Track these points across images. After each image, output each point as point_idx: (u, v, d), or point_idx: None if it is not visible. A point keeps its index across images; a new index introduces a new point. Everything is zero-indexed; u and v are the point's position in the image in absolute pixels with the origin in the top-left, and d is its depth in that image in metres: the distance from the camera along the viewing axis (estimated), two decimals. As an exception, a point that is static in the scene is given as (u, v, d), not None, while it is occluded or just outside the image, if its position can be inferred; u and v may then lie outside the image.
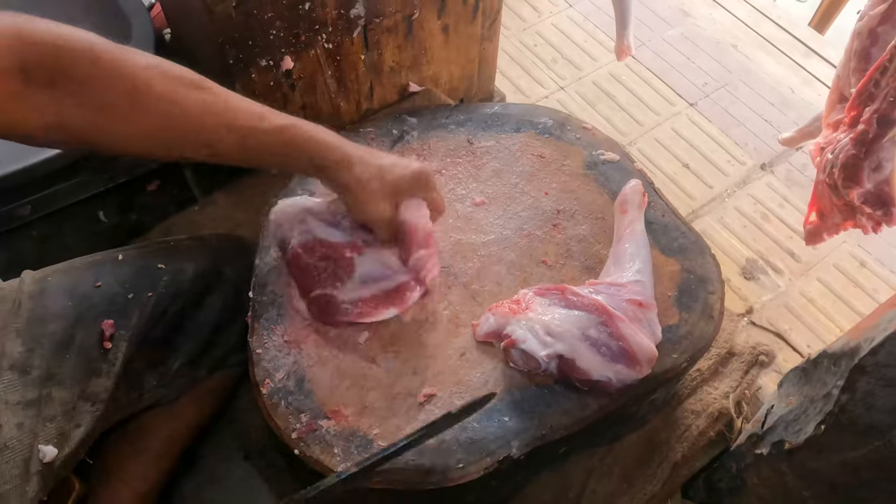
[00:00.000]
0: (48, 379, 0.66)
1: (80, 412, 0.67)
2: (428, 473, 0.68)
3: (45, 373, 0.66)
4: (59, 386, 0.67)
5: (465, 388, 0.75)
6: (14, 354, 0.66)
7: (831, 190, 0.92)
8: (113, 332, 0.71)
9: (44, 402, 0.65)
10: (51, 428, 0.65)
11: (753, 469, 0.82)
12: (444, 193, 0.88)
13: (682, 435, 0.92)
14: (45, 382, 0.66)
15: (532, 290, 0.78)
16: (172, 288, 0.76)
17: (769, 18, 1.63)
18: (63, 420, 0.66)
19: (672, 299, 0.82)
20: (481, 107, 1.01)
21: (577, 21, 1.62)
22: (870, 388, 0.61)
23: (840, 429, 0.66)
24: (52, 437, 0.65)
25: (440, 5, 1.00)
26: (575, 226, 0.89)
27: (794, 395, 0.78)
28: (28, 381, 0.65)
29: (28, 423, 0.64)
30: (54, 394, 0.66)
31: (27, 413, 0.64)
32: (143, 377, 0.75)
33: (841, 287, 1.26)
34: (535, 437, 0.71)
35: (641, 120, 1.46)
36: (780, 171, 1.40)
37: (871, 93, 0.86)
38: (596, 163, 0.95)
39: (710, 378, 0.96)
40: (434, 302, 0.81)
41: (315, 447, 0.70)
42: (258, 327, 0.78)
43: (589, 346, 0.72)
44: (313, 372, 0.75)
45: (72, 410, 0.67)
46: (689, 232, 0.87)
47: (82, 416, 0.67)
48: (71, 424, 0.67)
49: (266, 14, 0.85)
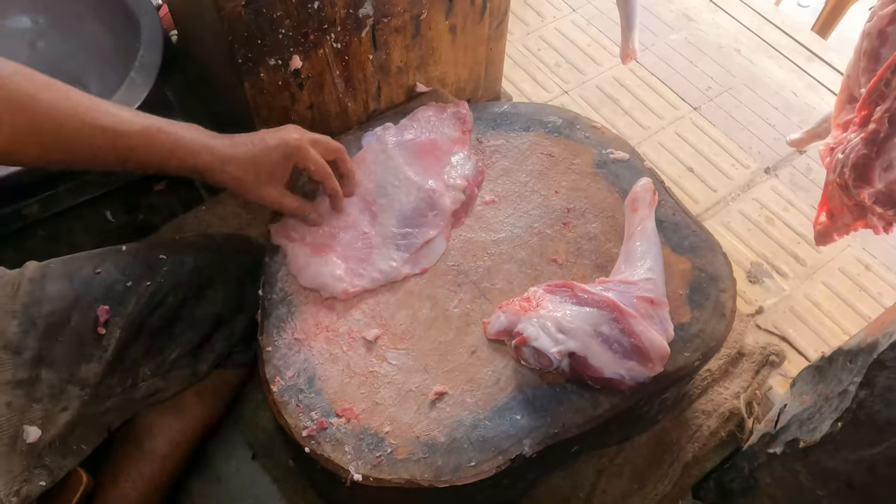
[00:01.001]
0: (39, 360, 0.67)
1: (68, 396, 0.68)
2: (440, 471, 0.68)
3: (37, 354, 0.66)
4: (48, 368, 0.67)
5: (476, 386, 0.74)
6: (8, 335, 0.66)
7: (842, 190, 0.92)
8: (108, 318, 0.71)
9: (32, 384, 0.66)
10: (36, 409, 0.65)
11: (766, 469, 0.81)
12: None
13: (693, 435, 0.92)
14: (35, 364, 0.66)
15: (542, 288, 0.77)
16: (172, 278, 0.76)
17: (772, 23, 1.64)
18: (49, 402, 0.66)
19: (684, 297, 0.81)
20: (490, 106, 1.01)
21: (581, 25, 1.63)
22: (889, 384, 0.61)
23: (857, 425, 0.65)
24: (38, 419, 0.65)
25: (448, 6, 1.00)
26: (585, 224, 0.88)
27: (807, 393, 0.77)
28: (20, 361, 0.66)
29: (17, 402, 0.64)
30: (43, 375, 0.66)
31: (16, 392, 0.65)
32: (137, 366, 0.75)
33: (846, 291, 1.25)
34: (547, 435, 0.71)
35: (645, 124, 1.46)
36: (785, 174, 1.40)
37: (882, 92, 0.86)
38: (606, 161, 0.94)
39: (721, 378, 0.96)
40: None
41: (326, 445, 0.69)
42: (268, 325, 0.77)
43: (601, 342, 0.72)
44: (324, 370, 0.74)
45: (59, 394, 0.67)
46: (699, 230, 0.87)
47: (69, 399, 0.68)
48: (57, 407, 0.67)
49: (275, 13, 0.85)
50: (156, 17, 0.99)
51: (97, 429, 0.72)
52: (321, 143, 0.79)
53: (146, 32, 0.96)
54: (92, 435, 0.71)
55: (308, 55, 0.93)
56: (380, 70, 1.01)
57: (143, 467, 0.78)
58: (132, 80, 0.90)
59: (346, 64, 0.97)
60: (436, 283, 0.83)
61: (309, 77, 0.95)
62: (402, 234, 0.84)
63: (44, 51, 1.07)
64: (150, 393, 0.76)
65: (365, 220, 0.86)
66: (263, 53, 0.89)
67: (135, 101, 0.90)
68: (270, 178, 0.76)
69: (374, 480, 0.67)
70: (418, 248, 0.84)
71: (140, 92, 0.90)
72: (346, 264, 0.81)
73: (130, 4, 0.99)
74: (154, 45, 0.95)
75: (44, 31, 1.06)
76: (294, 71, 0.93)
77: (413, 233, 0.84)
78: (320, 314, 0.79)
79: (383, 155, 0.89)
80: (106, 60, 1.03)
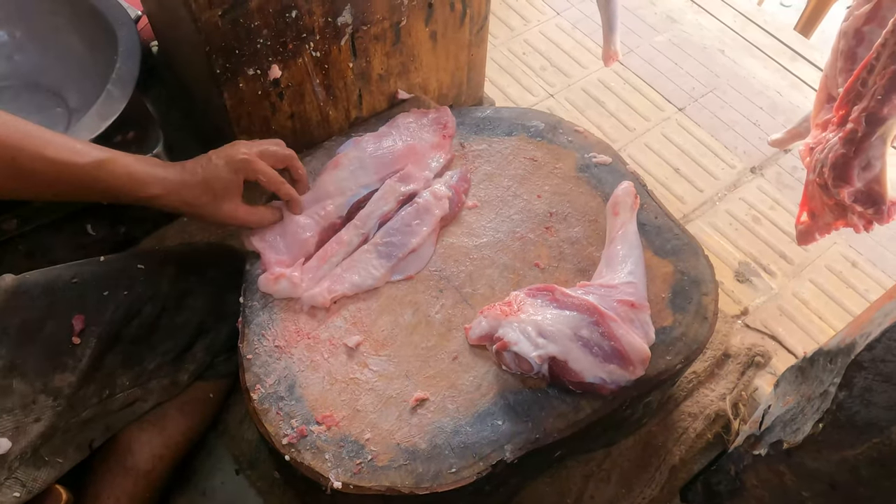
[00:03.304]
0: (11, 370, 0.66)
1: (40, 406, 0.67)
2: (420, 478, 0.67)
3: (8, 363, 0.66)
4: (21, 378, 0.66)
5: (457, 392, 0.74)
6: None
7: (822, 189, 0.92)
8: (83, 327, 0.71)
9: (3, 393, 0.65)
10: (7, 420, 0.65)
11: (752, 470, 0.81)
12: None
13: (680, 438, 0.91)
14: (6, 373, 0.66)
15: (523, 292, 0.77)
16: (151, 287, 0.76)
17: (755, 23, 1.64)
18: (21, 413, 0.66)
19: (666, 301, 0.81)
20: (473, 110, 1.01)
21: (565, 29, 1.63)
22: (867, 384, 0.60)
23: (838, 426, 0.65)
24: (8, 430, 0.65)
25: (428, 12, 1.00)
26: (568, 228, 0.88)
27: (790, 394, 0.77)
28: None
29: None
30: (15, 385, 0.66)
31: None
32: (115, 375, 0.75)
33: (833, 288, 1.26)
34: (528, 440, 0.70)
35: (631, 125, 1.46)
36: (770, 173, 1.41)
37: (859, 91, 0.86)
38: (588, 165, 0.94)
39: (707, 380, 0.96)
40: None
41: (306, 453, 0.69)
42: (249, 333, 0.77)
43: (581, 346, 0.71)
44: (304, 377, 0.74)
45: (31, 404, 0.66)
46: (682, 234, 0.87)
47: (42, 410, 0.67)
48: (29, 418, 0.66)
49: (253, 22, 0.85)
50: (133, 29, 0.99)
51: (76, 443, 0.71)
52: (269, 154, 0.79)
53: (123, 45, 0.96)
54: (70, 449, 0.71)
55: (287, 64, 0.92)
56: (360, 78, 1.01)
57: (126, 483, 0.78)
58: (109, 92, 0.90)
59: (327, 72, 0.97)
60: (418, 288, 0.83)
61: (289, 86, 0.95)
62: (384, 243, 0.84)
63: (21, 64, 1.07)
64: (129, 403, 0.76)
65: (347, 228, 0.85)
66: (242, 63, 0.88)
67: (112, 113, 0.90)
68: (224, 196, 0.76)
69: (355, 488, 0.67)
70: (402, 258, 0.83)
71: (117, 104, 0.90)
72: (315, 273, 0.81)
73: (108, 17, 0.99)
74: (131, 57, 0.95)
75: (21, 44, 1.06)
76: (273, 80, 0.93)
77: (396, 242, 0.84)
78: (301, 321, 0.79)
79: (359, 162, 0.89)
80: (84, 73, 1.03)
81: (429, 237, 0.85)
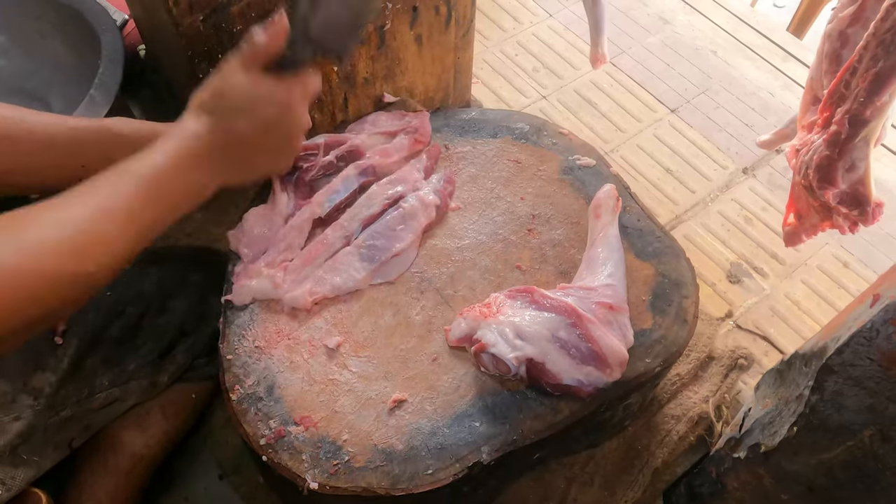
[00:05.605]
0: None
1: (20, 405, 0.68)
2: (396, 480, 0.67)
3: None
4: (1, 376, 0.67)
5: (436, 394, 0.74)
6: None
7: (807, 191, 0.92)
8: (65, 327, 0.71)
9: None
10: None
11: (732, 473, 0.81)
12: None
13: (663, 440, 0.91)
14: None
15: (503, 293, 0.77)
16: (134, 288, 0.76)
17: (748, 24, 1.64)
18: (0, 411, 0.66)
19: (646, 303, 0.81)
20: (459, 113, 1.01)
21: (558, 30, 1.63)
22: (838, 388, 0.60)
23: (812, 430, 0.65)
24: None
25: (412, 16, 1.00)
26: (550, 231, 0.89)
27: (770, 396, 0.77)
28: None
29: None
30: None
31: None
32: (95, 376, 0.75)
33: (825, 288, 1.25)
34: (505, 442, 0.70)
35: (623, 127, 1.46)
36: (763, 174, 1.40)
37: (843, 94, 0.86)
38: (572, 168, 0.94)
39: (690, 382, 0.96)
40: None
41: (283, 453, 0.69)
42: (229, 333, 0.78)
43: (559, 348, 0.72)
44: (284, 378, 0.75)
45: (11, 403, 0.67)
46: (664, 236, 0.87)
47: (21, 409, 0.68)
48: (8, 417, 0.67)
49: (235, 27, 0.85)
50: (117, 34, 0.99)
51: (55, 442, 0.72)
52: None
53: (107, 50, 0.96)
54: (49, 449, 0.71)
55: (271, 67, 0.93)
56: (345, 81, 1.01)
57: (107, 483, 0.78)
58: (92, 97, 0.90)
59: (312, 75, 0.97)
60: (399, 290, 0.83)
61: (274, 89, 0.95)
62: (367, 246, 0.84)
63: (5, 69, 1.07)
64: (108, 403, 0.76)
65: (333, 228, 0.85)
66: (225, 66, 0.89)
67: (95, 118, 0.90)
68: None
69: (331, 489, 0.67)
70: (384, 262, 0.83)
71: (100, 109, 0.90)
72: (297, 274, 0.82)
73: (92, 22, 0.99)
74: (114, 62, 0.95)
75: (5, 49, 1.06)
76: (258, 83, 0.93)
77: (379, 245, 0.83)
78: (282, 322, 0.79)
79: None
80: (68, 78, 1.03)
81: (412, 243, 0.85)
